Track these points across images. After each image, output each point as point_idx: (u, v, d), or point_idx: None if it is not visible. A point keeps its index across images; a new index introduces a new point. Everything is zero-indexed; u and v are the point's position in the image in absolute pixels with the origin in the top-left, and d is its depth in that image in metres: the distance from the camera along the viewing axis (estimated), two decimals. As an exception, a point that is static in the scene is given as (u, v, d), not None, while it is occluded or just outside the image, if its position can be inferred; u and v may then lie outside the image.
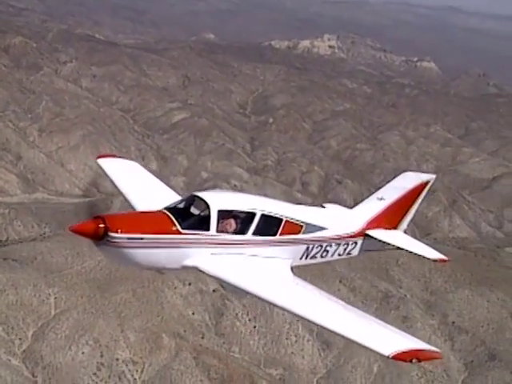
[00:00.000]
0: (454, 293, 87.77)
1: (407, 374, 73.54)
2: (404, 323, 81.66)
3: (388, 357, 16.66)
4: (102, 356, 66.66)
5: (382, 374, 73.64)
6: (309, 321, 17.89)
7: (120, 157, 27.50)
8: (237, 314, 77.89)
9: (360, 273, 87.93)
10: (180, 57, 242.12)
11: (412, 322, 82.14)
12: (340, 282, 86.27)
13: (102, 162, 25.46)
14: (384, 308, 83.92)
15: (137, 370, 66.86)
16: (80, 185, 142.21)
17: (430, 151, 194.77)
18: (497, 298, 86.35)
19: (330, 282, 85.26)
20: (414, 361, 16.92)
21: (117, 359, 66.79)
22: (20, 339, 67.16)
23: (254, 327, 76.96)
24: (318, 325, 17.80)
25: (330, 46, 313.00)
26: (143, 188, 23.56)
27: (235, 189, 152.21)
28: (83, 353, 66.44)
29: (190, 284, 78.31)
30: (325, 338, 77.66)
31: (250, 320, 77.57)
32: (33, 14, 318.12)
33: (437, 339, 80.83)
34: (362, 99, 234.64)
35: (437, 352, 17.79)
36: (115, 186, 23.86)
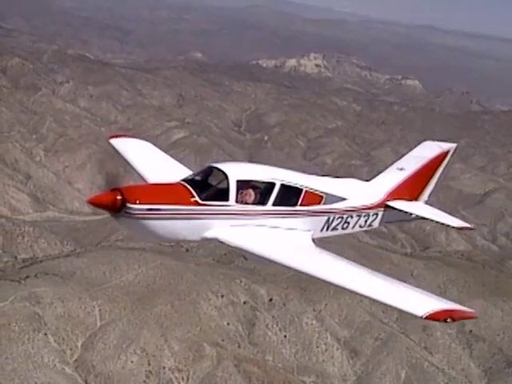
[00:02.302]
0: (469, 303, 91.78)
1: (434, 381, 77.46)
2: (424, 332, 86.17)
3: (421, 317, 16.17)
4: (149, 364, 70.12)
5: (409, 381, 77.52)
6: (336, 285, 17.56)
7: (132, 136, 27.11)
8: (267, 325, 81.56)
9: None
10: (173, 76, 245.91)
11: (432, 331, 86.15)
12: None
13: (114, 141, 25.28)
14: (404, 317, 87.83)
15: (183, 378, 70.36)
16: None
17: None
18: (510, 308, 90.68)
19: (352, 293, 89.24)
20: (448, 320, 16.09)
21: (164, 367, 70.31)
22: (71, 349, 70.37)
23: (285, 336, 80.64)
24: (346, 289, 17.50)
25: (317, 65, 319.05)
26: (157, 165, 23.53)
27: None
28: (132, 361, 69.88)
29: (222, 296, 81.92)
30: (352, 346, 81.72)
31: (280, 330, 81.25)
32: (22, 35, 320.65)
33: (456, 347, 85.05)
34: (353, 117, 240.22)
35: (470, 311, 16.71)
36: (129, 164, 23.69)
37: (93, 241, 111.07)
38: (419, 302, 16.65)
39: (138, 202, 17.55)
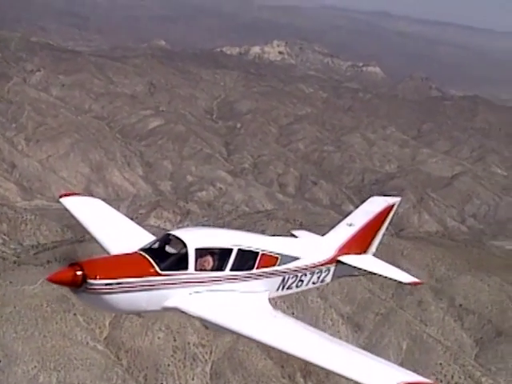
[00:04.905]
0: (457, 279, 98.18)
1: (434, 350, 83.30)
2: (419, 307, 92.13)
3: None
4: (175, 340, 74.46)
5: (411, 351, 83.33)
6: (293, 356, 17.47)
7: (81, 194, 26.96)
8: (276, 303, 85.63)
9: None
10: (143, 64, 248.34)
11: (426, 305, 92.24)
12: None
13: (65, 201, 24.44)
14: (400, 294, 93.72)
15: (206, 352, 75.03)
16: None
17: (390, 152, 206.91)
18: (495, 283, 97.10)
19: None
20: None
21: (188, 343, 74.78)
22: (99, 328, 74.33)
23: (293, 313, 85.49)
24: (306, 361, 17.18)
25: (280, 52, 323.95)
26: (111, 226, 23.31)
27: (221, 191, 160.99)
28: (159, 338, 74.20)
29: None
30: (356, 321, 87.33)
31: (287, 307, 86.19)
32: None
33: (449, 319, 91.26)
34: (321, 103, 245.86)
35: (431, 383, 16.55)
36: (82, 226, 23.22)
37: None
38: (383, 375, 16.41)
39: (98, 277, 17.28)
